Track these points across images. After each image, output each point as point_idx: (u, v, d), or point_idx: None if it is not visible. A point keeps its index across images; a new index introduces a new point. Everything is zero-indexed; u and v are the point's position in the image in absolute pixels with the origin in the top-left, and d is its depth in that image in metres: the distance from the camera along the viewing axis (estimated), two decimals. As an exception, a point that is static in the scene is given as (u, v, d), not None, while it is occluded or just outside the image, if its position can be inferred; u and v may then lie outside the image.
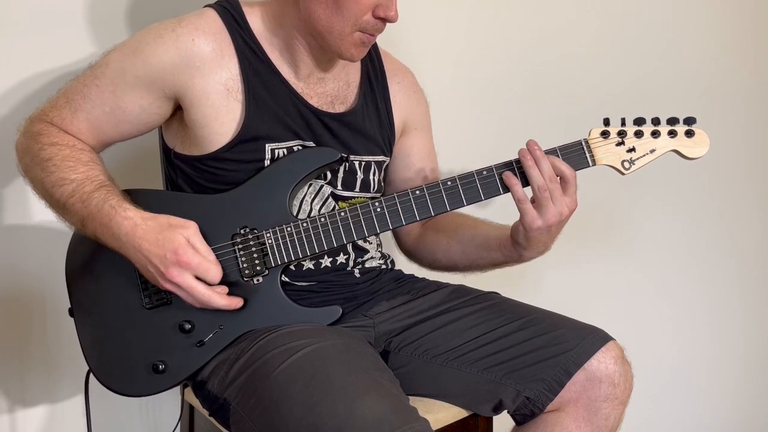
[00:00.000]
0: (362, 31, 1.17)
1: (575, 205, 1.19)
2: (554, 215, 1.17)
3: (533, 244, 1.21)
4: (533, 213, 1.17)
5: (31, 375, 1.47)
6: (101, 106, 1.18)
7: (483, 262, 1.32)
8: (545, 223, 1.17)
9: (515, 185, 1.18)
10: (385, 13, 1.15)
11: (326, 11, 1.15)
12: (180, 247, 1.08)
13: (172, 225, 1.10)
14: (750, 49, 2.18)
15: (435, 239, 1.37)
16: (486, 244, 1.30)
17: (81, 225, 1.14)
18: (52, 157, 1.15)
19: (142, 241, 1.09)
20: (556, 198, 1.17)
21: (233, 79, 1.19)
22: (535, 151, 1.17)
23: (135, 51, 1.17)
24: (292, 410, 1.00)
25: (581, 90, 1.92)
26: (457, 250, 1.34)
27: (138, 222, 1.10)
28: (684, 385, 2.21)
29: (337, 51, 1.19)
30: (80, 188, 1.13)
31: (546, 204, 1.16)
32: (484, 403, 1.23)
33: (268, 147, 1.20)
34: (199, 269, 1.09)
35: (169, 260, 1.08)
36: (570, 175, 1.17)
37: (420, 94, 1.42)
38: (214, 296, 1.11)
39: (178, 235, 1.09)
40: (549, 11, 1.88)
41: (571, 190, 1.18)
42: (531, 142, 1.18)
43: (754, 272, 2.27)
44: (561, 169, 1.17)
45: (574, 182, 1.18)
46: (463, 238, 1.33)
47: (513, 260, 1.28)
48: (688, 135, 1.21)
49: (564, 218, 1.18)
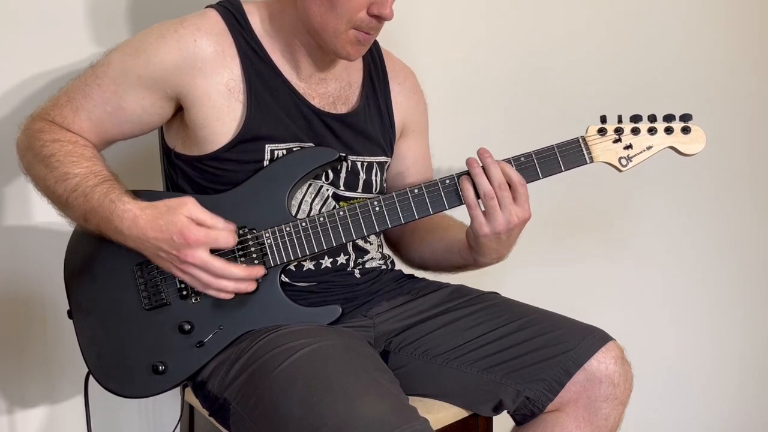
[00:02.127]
0: (357, 29, 1.17)
1: (528, 215, 1.18)
2: (502, 223, 1.16)
3: (484, 251, 1.22)
4: (481, 219, 1.17)
5: (31, 376, 1.47)
6: (103, 105, 1.19)
7: (447, 264, 1.34)
8: (492, 231, 1.17)
9: (467, 190, 1.18)
10: (379, 11, 1.15)
11: (321, 8, 1.15)
12: (184, 227, 1.08)
13: (170, 207, 1.10)
14: (750, 49, 2.18)
15: (411, 238, 1.39)
16: (450, 247, 1.31)
17: (83, 220, 1.14)
18: (54, 153, 1.15)
19: (146, 231, 1.09)
20: (505, 206, 1.16)
21: (235, 79, 1.19)
22: (486, 158, 1.17)
23: (137, 51, 1.18)
24: (292, 410, 1.00)
25: (579, 89, 1.92)
26: (428, 250, 1.35)
27: (137, 213, 1.10)
28: (684, 385, 2.21)
29: (333, 49, 1.19)
30: (83, 183, 1.13)
31: (493, 212, 1.16)
32: (484, 403, 1.23)
33: (268, 148, 1.20)
34: (209, 240, 1.09)
35: (177, 243, 1.08)
36: (518, 182, 1.17)
37: (420, 95, 1.42)
38: (231, 266, 1.11)
39: (178, 215, 1.09)
40: (549, 12, 1.89)
41: (522, 199, 1.17)
42: (481, 150, 1.18)
43: (755, 271, 2.27)
44: (510, 176, 1.17)
45: (525, 191, 1.17)
46: (433, 238, 1.34)
47: (470, 264, 1.29)
48: (685, 132, 1.21)
49: (513, 227, 1.17)
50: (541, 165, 1.20)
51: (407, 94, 1.38)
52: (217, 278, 1.11)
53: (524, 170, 1.19)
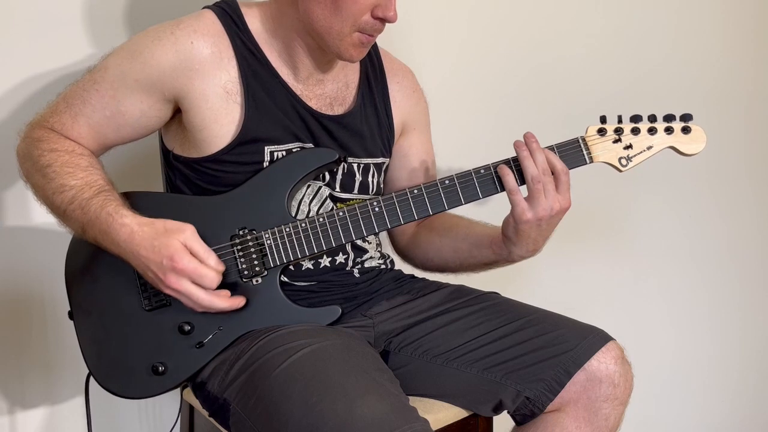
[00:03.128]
0: (361, 32, 1.17)
1: (568, 204, 1.19)
2: (545, 209, 1.17)
3: (522, 239, 1.21)
4: (524, 204, 1.17)
5: (31, 377, 1.47)
6: (101, 110, 1.18)
7: (474, 261, 1.32)
8: (535, 216, 1.17)
9: (508, 175, 1.18)
10: (384, 14, 1.15)
11: (325, 11, 1.15)
12: (176, 253, 1.08)
13: (168, 230, 1.10)
14: (750, 49, 2.18)
15: (428, 238, 1.37)
16: (478, 242, 1.30)
17: (82, 231, 1.14)
18: (51, 163, 1.15)
19: (139, 248, 1.09)
20: (549, 192, 1.17)
21: (232, 81, 1.19)
22: (532, 142, 1.18)
23: (134, 54, 1.17)
24: (291, 410, 1.00)
25: (579, 88, 1.92)
26: (450, 249, 1.34)
27: (135, 229, 1.10)
28: (684, 385, 2.21)
29: (336, 52, 1.19)
30: (79, 195, 1.13)
31: (538, 196, 1.17)
32: (484, 403, 1.23)
33: (267, 149, 1.20)
34: (194, 275, 1.09)
35: (165, 266, 1.08)
36: (562, 170, 1.18)
37: (420, 94, 1.42)
38: (214, 300, 1.11)
39: (174, 240, 1.09)
40: (548, 11, 1.89)
41: (564, 187, 1.18)
42: (528, 134, 1.18)
43: (754, 271, 2.27)
44: (554, 163, 1.18)
45: (567, 180, 1.18)
46: (456, 235, 1.33)
47: (503, 258, 1.27)
48: (685, 131, 1.21)
49: (554, 213, 1.18)
50: (541, 164, 1.20)
51: (406, 93, 1.38)
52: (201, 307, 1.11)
53: None
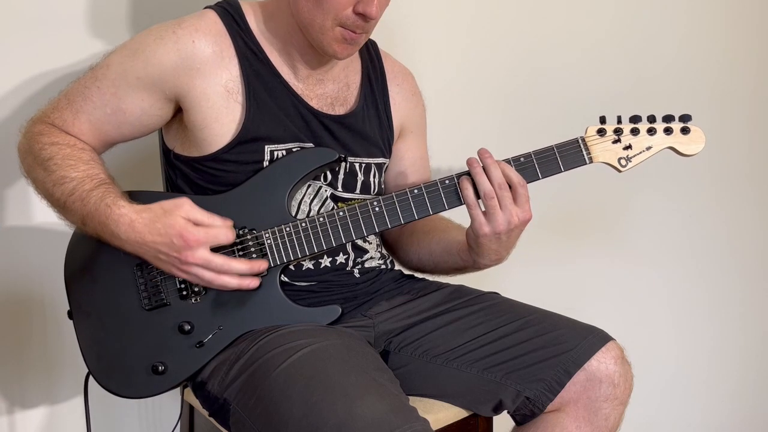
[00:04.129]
0: (343, 27, 1.17)
1: (528, 216, 1.18)
2: (501, 223, 1.17)
3: (484, 251, 1.22)
4: (481, 219, 1.17)
5: (31, 377, 1.47)
6: (102, 107, 1.19)
7: (445, 266, 1.34)
8: (492, 230, 1.17)
9: (466, 189, 1.18)
10: (364, 9, 1.14)
11: (308, 4, 1.15)
12: (183, 229, 1.08)
13: (166, 210, 1.10)
14: (751, 48, 2.18)
15: (409, 239, 1.38)
16: (448, 248, 1.31)
17: (82, 224, 1.15)
18: (53, 156, 1.16)
19: (144, 235, 1.09)
20: (506, 206, 1.16)
21: (233, 80, 1.19)
22: (486, 158, 1.18)
23: (136, 52, 1.18)
24: (291, 410, 1.00)
25: (580, 90, 1.92)
26: (426, 251, 1.35)
27: (133, 217, 1.10)
28: (684, 385, 2.21)
29: (319, 46, 1.19)
30: (80, 186, 1.13)
31: (493, 212, 1.16)
32: (484, 403, 1.23)
33: (268, 148, 1.20)
34: (208, 239, 1.09)
35: (177, 245, 1.08)
36: (518, 183, 1.17)
37: (418, 97, 1.42)
38: (232, 262, 1.11)
39: (175, 217, 1.09)
40: (548, 12, 1.89)
41: (522, 200, 1.17)
42: (481, 150, 1.18)
43: (754, 271, 2.27)
44: (510, 177, 1.17)
45: (525, 192, 1.18)
46: (431, 240, 1.34)
47: (470, 266, 1.29)
48: (684, 132, 1.22)
49: (513, 227, 1.17)
50: (540, 165, 1.20)
51: (406, 96, 1.38)
52: (220, 275, 1.11)
53: (524, 170, 1.19)
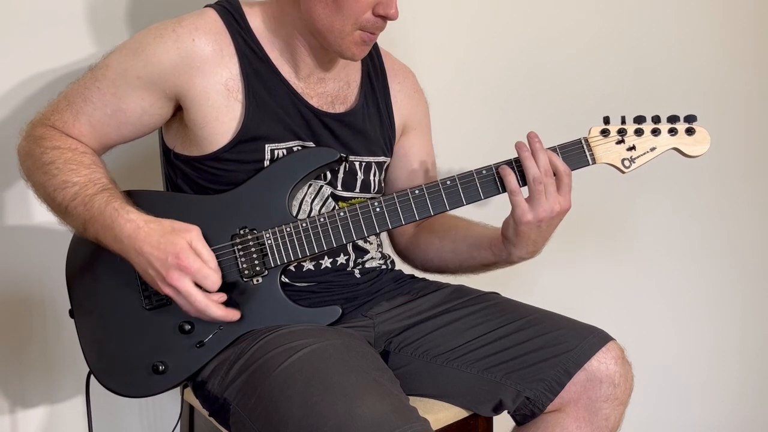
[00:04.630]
0: (363, 30, 1.17)
1: (568, 206, 1.18)
2: (545, 210, 1.16)
3: (522, 240, 1.21)
4: (524, 206, 1.17)
5: (32, 376, 1.47)
6: (103, 108, 1.18)
7: (473, 262, 1.32)
8: (535, 217, 1.17)
9: (509, 176, 1.18)
10: (385, 11, 1.15)
11: (326, 10, 1.15)
12: (182, 251, 1.08)
13: (175, 229, 1.10)
14: (751, 48, 2.18)
15: (428, 239, 1.37)
16: (477, 243, 1.29)
17: (83, 228, 1.14)
18: (54, 160, 1.15)
19: (144, 244, 1.09)
20: (550, 193, 1.17)
21: (233, 79, 1.19)
22: (535, 142, 1.18)
23: (135, 52, 1.17)
24: (291, 410, 1.00)
25: (581, 89, 1.92)
26: (449, 250, 1.34)
27: (141, 225, 1.10)
28: (684, 385, 2.21)
29: (338, 50, 1.19)
30: (83, 191, 1.13)
31: (539, 197, 1.16)
32: (484, 403, 1.23)
33: (268, 147, 1.20)
34: (198, 275, 1.08)
35: (170, 263, 1.08)
36: (564, 172, 1.17)
37: (420, 94, 1.42)
38: (211, 305, 1.10)
39: (180, 238, 1.09)
40: (550, 11, 1.89)
41: (565, 189, 1.18)
42: (531, 134, 1.18)
43: (755, 271, 2.27)
44: (557, 165, 1.17)
45: (569, 181, 1.18)
46: (455, 237, 1.33)
47: (503, 260, 1.27)
48: (689, 133, 1.21)
49: (555, 215, 1.17)
50: (543, 166, 1.19)
51: (407, 93, 1.38)
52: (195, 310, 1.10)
53: None
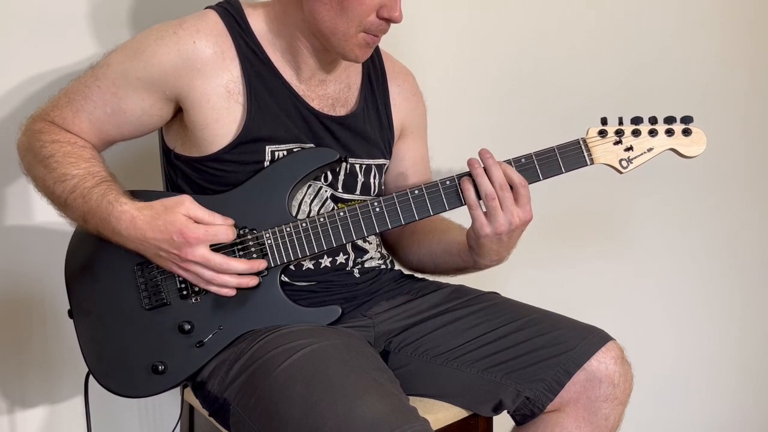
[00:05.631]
0: (366, 32, 1.17)
1: (529, 216, 1.18)
2: (503, 224, 1.16)
3: (484, 252, 1.22)
4: (482, 220, 1.17)
5: (31, 376, 1.47)
6: (102, 107, 1.19)
7: (446, 267, 1.34)
8: (494, 231, 1.17)
9: (467, 190, 1.18)
10: (389, 14, 1.15)
11: (330, 12, 1.15)
12: (183, 226, 1.09)
13: (167, 207, 1.11)
14: (749, 48, 2.18)
15: (410, 240, 1.38)
16: (449, 249, 1.31)
17: (83, 221, 1.15)
18: (53, 153, 1.16)
19: (145, 231, 1.10)
20: (507, 207, 1.16)
21: (234, 81, 1.19)
22: (487, 158, 1.17)
23: (136, 52, 1.18)
24: (291, 410, 1.00)
25: (579, 90, 1.92)
26: (426, 252, 1.35)
27: (135, 214, 1.10)
28: (684, 385, 2.21)
29: (341, 52, 1.19)
30: (81, 184, 1.13)
31: (495, 213, 1.16)
32: (484, 403, 1.23)
33: (268, 149, 1.20)
34: (208, 237, 1.10)
35: (177, 242, 1.09)
36: (520, 184, 1.17)
37: (419, 97, 1.42)
38: (231, 261, 1.11)
39: (176, 214, 1.10)
40: (547, 11, 1.89)
41: (523, 201, 1.17)
42: (482, 151, 1.18)
43: (754, 271, 2.27)
44: (512, 177, 1.17)
45: (526, 192, 1.17)
46: (432, 240, 1.34)
47: (470, 266, 1.29)
48: (686, 134, 1.22)
49: (514, 228, 1.17)
50: (541, 166, 1.20)
51: (406, 96, 1.38)
52: (219, 274, 1.11)
53: (525, 171, 1.19)
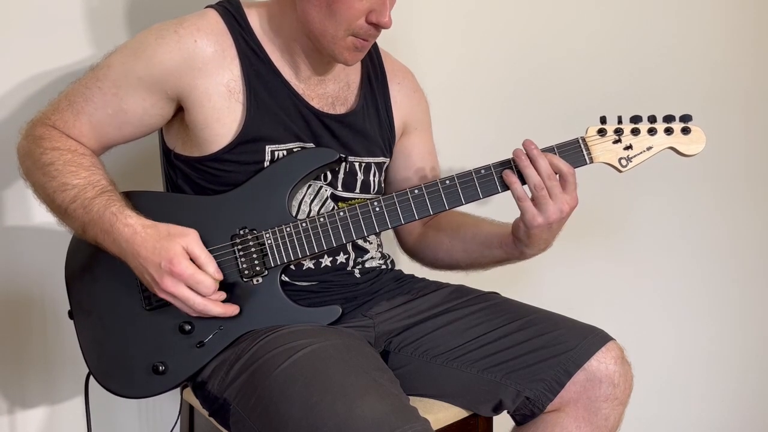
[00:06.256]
0: (355, 36, 1.17)
1: (576, 203, 1.19)
2: (554, 212, 1.17)
3: (534, 242, 1.22)
4: (533, 210, 1.18)
5: (31, 376, 1.47)
6: (104, 108, 1.18)
7: (485, 260, 1.33)
8: (546, 221, 1.17)
9: (514, 183, 1.18)
10: (377, 19, 1.15)
11: (320, 14, 1.15)
12: (175, 257, 1.07)
13: (171, 234, 1.10)
14: (749, 48, 2.18)
15: (437, 238, 1.37)
16: (488, 242, 1.30)
17: (82, 230, 1.14)
18: (53, 161, 1.15)
19: (140, 249, 1.09)
20: (556, 195, 1.17)
21: (235, 80, 1.19)
22: (532, 150, 1.18)
23: (137, 52, 1.18)
24: (291, 410, 1.00)
25: (579, 88, 1.92)
26: (459, 249, 1.34)
27: (138, 229, 1.10)
28: (683, 386, 2.21)
29: (330, 54, 1.20)
30: (82, 194, 1.13)
31: (545, 202, 1.17)
32: (484, 403, 1.23)
33: (268, 149, 1.20)
34: (191, 281, 1.08)
35: (163, 269, 1.08)
36: (568, 172, 1.18)
37: (420, 94, 1.42)
38: (209, 305, 1.10)
39: (175, 244, 1.09)
40: (547, 10, 1.89)
41: (571, 187, 1.18)
42: (527, 142, 1.18)
43: (754, 271, 2.27)
44: (559, 166, 1.18)
45: (573, 179, 1.19)
46: (465, 236, 1.33)
47: (515, 257, 1.29)
48: (685, 132, 1.22)
49: (565, 215, 1.18)
50: (541, 165, 1.20)
51: (407, 93, 1.38)
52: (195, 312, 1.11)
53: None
